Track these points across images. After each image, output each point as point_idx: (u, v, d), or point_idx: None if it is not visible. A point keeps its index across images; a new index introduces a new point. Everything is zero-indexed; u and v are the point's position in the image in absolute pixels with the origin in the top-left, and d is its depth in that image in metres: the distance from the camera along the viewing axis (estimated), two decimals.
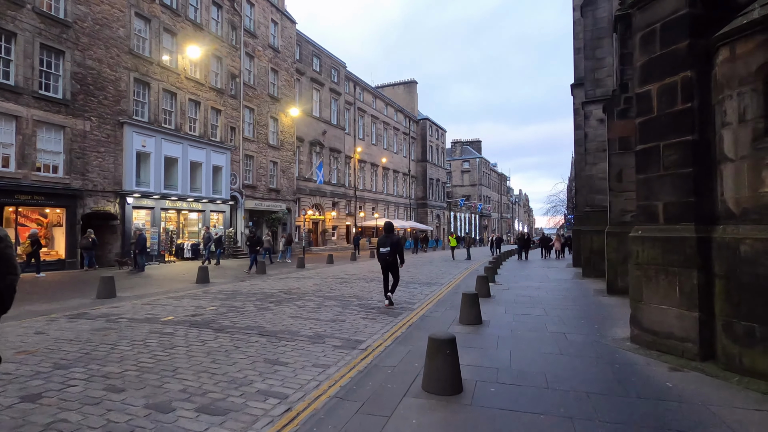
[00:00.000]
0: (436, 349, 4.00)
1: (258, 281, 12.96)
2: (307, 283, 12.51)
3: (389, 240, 8.28)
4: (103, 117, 17.45)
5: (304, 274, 15.26)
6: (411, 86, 59.40)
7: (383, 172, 47.96)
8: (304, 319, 7.17)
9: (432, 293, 10.63)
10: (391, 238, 8.31)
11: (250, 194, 26.27)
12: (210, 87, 23.21)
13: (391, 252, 8.17)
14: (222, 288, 11.26)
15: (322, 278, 13.85)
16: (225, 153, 23.93)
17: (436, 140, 61.77)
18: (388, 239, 8.28)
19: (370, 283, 12.54)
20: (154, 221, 19.54)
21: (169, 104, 20.88)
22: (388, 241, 8.26)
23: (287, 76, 30.17)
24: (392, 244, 8.22)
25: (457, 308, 8.12)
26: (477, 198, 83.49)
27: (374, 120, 46.47)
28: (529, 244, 23.52)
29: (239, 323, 6.71)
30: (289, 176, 30.15)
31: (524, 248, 22.75)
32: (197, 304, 8.62)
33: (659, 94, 5.45)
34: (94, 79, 17.13)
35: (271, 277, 14.40)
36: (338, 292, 10.57)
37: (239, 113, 25.40)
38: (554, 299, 9.67)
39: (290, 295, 9.86)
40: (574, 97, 19.82)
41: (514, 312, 8.01)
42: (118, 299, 9.29)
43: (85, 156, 16.75)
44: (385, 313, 7.84)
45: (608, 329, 6.58)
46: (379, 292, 10.58)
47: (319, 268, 17.85)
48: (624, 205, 10.20)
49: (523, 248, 22.67)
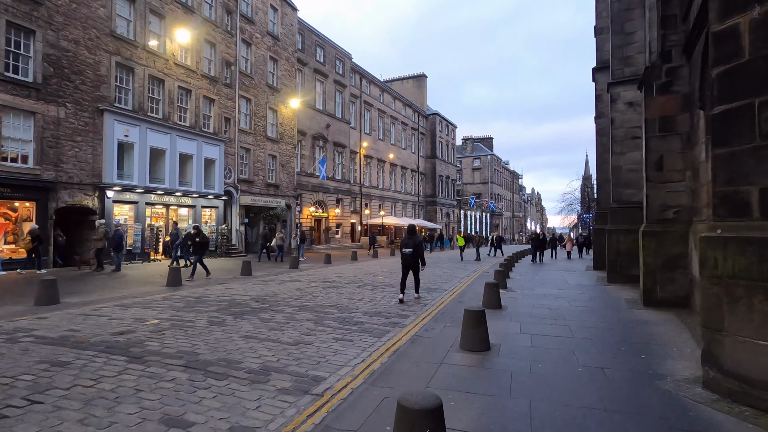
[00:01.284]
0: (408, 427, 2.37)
1: (236, 284, 11.44)
2: (290, 287, 10.95)
3: (412, 241, 8.86)
4: (80, 103, 16.10)
5: (293, 276, 13.72)
6: (420, 80, 57.55)
7: (390, 168, 46.30)
8: (260, 340, 5.58)
9: (432, 302, 8.97)
10: (413, 240, 8.91)
11: (246, 189, 24.85)
12: (202, 74, 21.79)
13: (413, 253, 8.83)
14: (189, 293, 9.75)
15: (309, 281, 12.28)
16: (218, 145, 22.51)
17: (446, 136, 59.87)
18: (411, 240, 8.88)
19: (361, 288, 10.93)
20: (138, 217, 18.18)
21: (156, 92, 19.50)
22: (411, 242, 8.85)
23: (288, 65, 28.67)
24: (414, 245, 8.84)
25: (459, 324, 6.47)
26: (488, 196, 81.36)
27: (381, 114, 44.81)
28: (544, 244, 21.48)
29: (170, 347, 5.14)
30: (289, 171, 28.68)
31: (539, 249, 20.87)
32: (141, 315, 7.09)
33: (754, 28, 3.71)
34: (69, 61, 15.79)
35: (255, 278, 12.89)
36: (320, 300, 8.97)
37: (235, 103, 23.97)
38: (579, 312, 7.94)
39: (261, 304, 8.29)
40: (596, 82, 17.94)
41: (532, 331, 6.32)
42: (57, 307, 7.82)
43: (58, 145, 15.42)
44: (367, 332, 6.22)
45: (661, 362, 4.87)
46: (367, 301, 8.97)
47: (313, 269, 16.30)
48: (665, 198, 8.42)
49: (537, 249, 20.84)
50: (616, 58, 12.99)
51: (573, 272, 16.23)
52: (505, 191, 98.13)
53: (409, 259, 8.84)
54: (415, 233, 9.15)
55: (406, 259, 8.86)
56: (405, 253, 8.87)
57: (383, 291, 10.49)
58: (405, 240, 8.99)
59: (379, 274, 14.53)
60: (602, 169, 17.45)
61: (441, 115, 57.80)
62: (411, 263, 8.89)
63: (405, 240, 8.99)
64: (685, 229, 8.14)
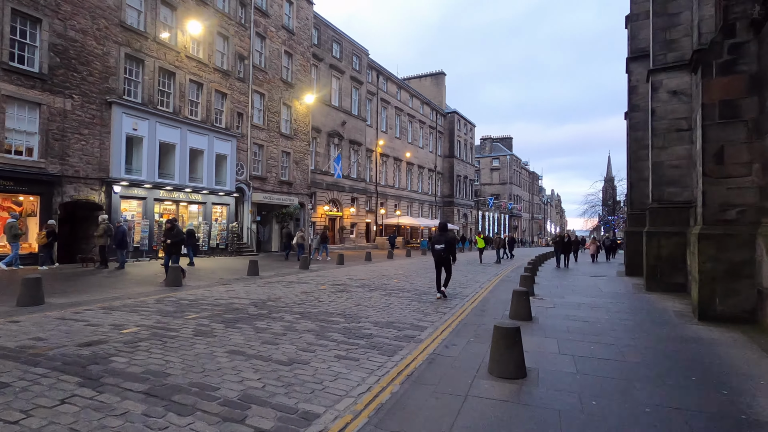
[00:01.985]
0: None
1: (239, 286, 10.65)
2: (296, 290, 10.08)
3: (443, 238, 8.94)
4: (87, 95, 15.62)
5: (301, 277, 12.88)
6: (439, 78, 56.39)
7: (407, 167, 45.30)
8: (248, 357, 4.68)
9: (451, 311, 7.97)
10: (445, 236, 8.97)
11: (258, 186, 24.22)
12: (214, 68, 21.22)
13: (445, 249, 8.87)
14: (186, 295, 8.97)
15: (318, 284, 11.41)
16: (230, 141, 21.91)
17: (465, 135, 58.51)
18: (443, 237, 8.95)
19: (373, 293, 9.98)
20: (146, 213, 17.65)
21: (167, 84, 18.98)
22: (443, 238, 8.92)
23: (303, 60, 27.97)
24: (446, 241, 8.87)
25: (484, 339, 5.52)
26: (507, 197, 79.52)
27: (398, 112, 43.86)
28: (570, 247, 19.99)
29: (138, 365, 4.29)
30: (303, 168, 27.97)
31: (564, 252, 19.50)
32: (123, 321, 6.30)
33: None
34: (77, 52, 15.32)
35: (261, 279, 12.09)
36: (326, 306, 8.07)
37: (248, 98, 23.36)
38: (624, 327, 6.83)
39: (259, 310, 7.43)
40: (629, 73, 16.60)
41: (573, 351, 5.27)
42: (39, 308, 7.12)
43: (65, 138, 14.96)
44: (377, 347, 5.27)
45: (751, 401, 3.78)
46: (379, 308, 8.03)
47: (324, 270, 15.46)
48: (727, 196, 7.22)
49: (562, 252, 19.44)
50: (657, 42, 11.72)
51: (603, 278, 14.97)
52: (525, 192, 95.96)
53: (441, 255, 8.93)
54: (446, 230, 9.19)
55: (439, 255, 8.93)
56: (437, 249, 8.92)
57: (397, 296, 9.53)
58: (436, 236, 9.07)
59: (393, 277, 13.58)
60: (636, 167, 16.11)
61: (459, 114, 56.51)
62: (443, 259, 8.99)
63: (436, 236, 9.07)
64: (752, 232, 6.94)
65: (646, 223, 12.51)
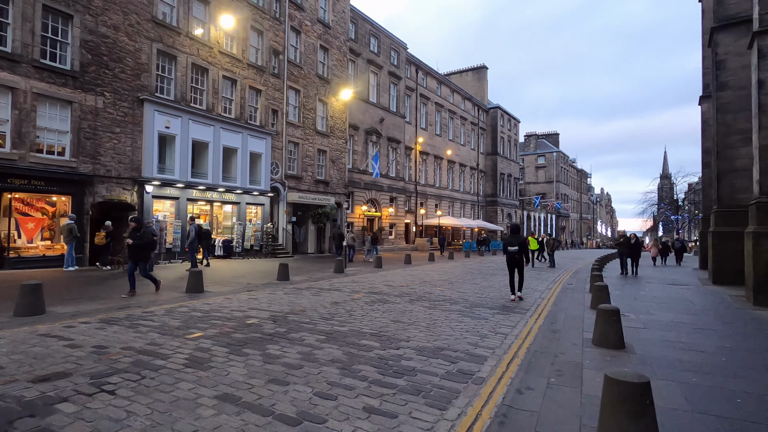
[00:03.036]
0: None
1: (264, 293, 9.54)
2: (326, 300, 8.80)
3: (516, 240, 9.10)
4: (119, 93, 15.24)
5: (334, 283, 11.64)
6: (481, 72, 54.02)
7: (448, 165, 43.42)
8: (241, 408, 3.35)
9: (514, 331, 6.37)
10: (518, 239, 9.12)
11: (293, 186, 23.40)
12: (248, 63, 20.56)
13: (519, 251, 9.01)
14: (201, 304, 7.91)
15: (351, 291, 10.10)
16: (265, 138, 21.19)
17: (508, 131, 55.70)
18: (516, 239, 9.11)
19: (414, 304, 8.51)
20: (179, 213, 17.13)
21: (200, 81, 18.45)
22: (516, 241, 9.09)
23: (339, 55, 26.97)
24: (519, 244, 9.05)
25: (570, 378, 4.00)
26: (554, 196, 75.43)
27: (438, 108, 42.11)
28: (639, 250, 16.56)
29: (85, 419, 3.08)
30: (340, 167, 26.95)
31: (632, 256, 16.16)
32: (113, 340, 5.23)
33: None
34: (108, 48, 14.96)
35: (290, 285, 10.95)
36: (358, 322, 6.69)
37: (282, 94, 22.59)
38: (755, 361, 4.96)
39: (277, 327, 6.17)
40: (715, 45, 14.13)
41: (713, 408, 3.56)
42: (34, 320, 6.24)
43: (96, 137, 14.60)
44: (422, 392, 3.80)
45: None
46: (423, 326, 6.55)
47: (360, 274, 14.19)
48: None
49: (630, 256, 16.14)
50: None
51: (686, 287, 12.67)
52: (572, 191, 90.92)
53: (515, 257, 9.06)
54: (519, 231, 9.32)
55: (512, 257, 9.07)
56: (511, 252, 9.08)
57: (443, 309, 8.02)
58: (509, 239, 9.23)
59: (436, 284, 12.04)
60: (725, 155, 13.64)
61: (503, 109, 53.83)
62: (517, 261, 9.11)
63: (509, 239, 9.23)
64: None
65: (748, 221, 10.24)
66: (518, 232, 9.26)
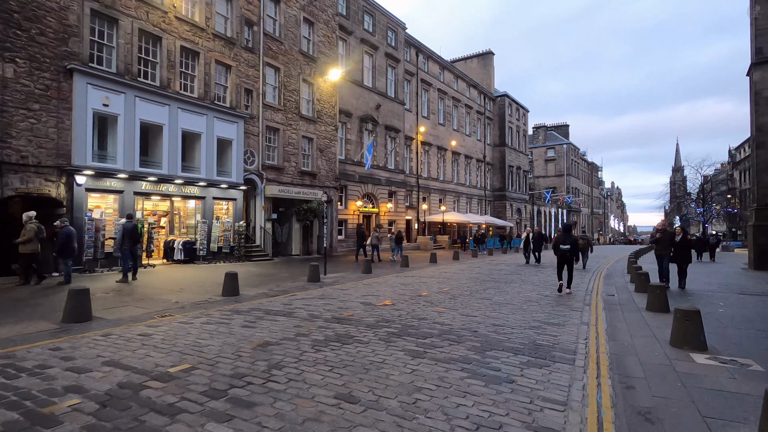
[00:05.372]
0: None
1: (172, 324, 6.48)
2: (255, 336, 5.68)
3: (568, 239, 9.92)
4: (36, 60, 12.24)
5: (293, 301, 8.56)
6: (486, 59, 50.59)
7: (452, 157, 40.16)
8: None
9: (562, 416, 3.22)
10: (570, 238, 9.97)
11: (273, 178, 20.34)
12: (214, 34, 17.49)
13: (571, 249, 9.86)
14: (71, 348, 4.86)
15: (308, 317, 7.00)
16: (236, 122, 18.14)
17: (517, 121, 52.25)
18: (568, 238, 9.94)
19: (392, 345, 5.39)
20: (124, 210, 14.12)
21: (151, 52, 15.41)
22: (568, 240, 9.91)
23: (327, 30, 23.82)
24: (571, 242, 9.89)
25: None
26: (564, 190, 71.87)
27: (441, 95, 38.83)
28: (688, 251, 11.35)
29: None
30: (329, 157, 23.85)
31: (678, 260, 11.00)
32: None
33: None
34: (20, 4, 11.96)
35: (233, 304, 7.89)
36: (275, 402, 3.59)
37: (258, 72, 19.51)
38: None
39: (142, 409, 3.09)
40: None
41: None
42: None
43: (5, 114, 11.62)
44: None
45: None
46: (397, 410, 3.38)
47: (338, 284, 11.10)
48: None
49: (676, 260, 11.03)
50: None
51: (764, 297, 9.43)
52: (583, 185, 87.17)
53: (567, 255, 9.91)
54: (570, 231, 10.24)
55: (564, 255, 9.94)
56: (563, 250, 9.89)
57: (436, 358, 4.88)
58: (562, 238, 10.02)
59: (435, 300, 8.88)
60: None
61: (510, 97, 50.40)
62: (568, 259, 9.97)
63: (562, 238, 10.02)
64: None
65: None
66: (570, 232, 10.16)
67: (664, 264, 11.23)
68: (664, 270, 11.22)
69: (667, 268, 11.24)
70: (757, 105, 17.39)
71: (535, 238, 19.28)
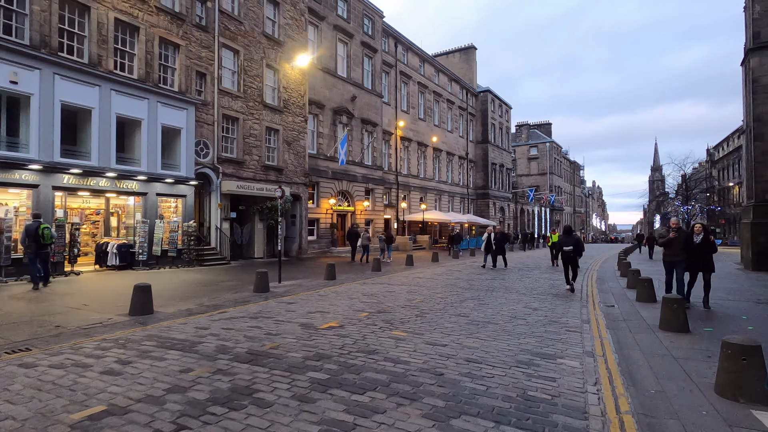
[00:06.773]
0: None
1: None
2: (89, 403, 3.78)
3: (570, 240, 10.43)
4: None
5: (210, 326, 6.64)
6: (469, 53, 49.14)
7: (434, 153, 38.53)
8: None
9: None
10: (572, 238, 10.46)
11: (232, 172, 18.26)
12: (158, 7, 15.35)
13: (573, 250, 10.29)
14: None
15: (206, 356, 5.10)
16: (185, 109, 16.01)
17: (500, 118, 50.96)
18: (570, 239, 10.43)
19: (324, 405, 3.53)
20: (40, 208, 11.91)
21: (77, 23, 13.23)
22: (570, 240, 10.41)
23: (294, 13, 21.82)
24: (573, 243, 10.33)
25: None
26: (547, 188, 71.15)
27: (422, 89, 37.15)
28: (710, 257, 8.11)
29: None
30: (297, 151, 21.85)
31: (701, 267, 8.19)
32: None
33: None
34: None
35: (123, 330, 5.93)
36: None
37: (213, 54, 17.41)
38: None
39: None
40: None
41: None
42: None
43: None
44: None
45: None
46: None
47: (295, 293, 9.20)
48: None
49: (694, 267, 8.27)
50: None
51: None
52: (566, 184, 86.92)
53: (570, 255, 10.32)
54: (571, 232, 10.78)
55: (567, 255, 10.35)
56: (566, 251, 10.32)
57: (374, 427, 3.04)
58: (563, 238, 10.67)
59: (397, 324, 7.04)
60: None
61: (493, 93, 49.05)
62: (571, 258, 10.35)
63: (563, 238, 10.67)
64: None
65: None
66: (571, 233, 10.71)
67: (678, 273, 8.30)
68: (679, 282, 8.29)
69: (681, 279, 8.28)
70: (754, 93, 16.12)
71: (497, 239, 16.44)
